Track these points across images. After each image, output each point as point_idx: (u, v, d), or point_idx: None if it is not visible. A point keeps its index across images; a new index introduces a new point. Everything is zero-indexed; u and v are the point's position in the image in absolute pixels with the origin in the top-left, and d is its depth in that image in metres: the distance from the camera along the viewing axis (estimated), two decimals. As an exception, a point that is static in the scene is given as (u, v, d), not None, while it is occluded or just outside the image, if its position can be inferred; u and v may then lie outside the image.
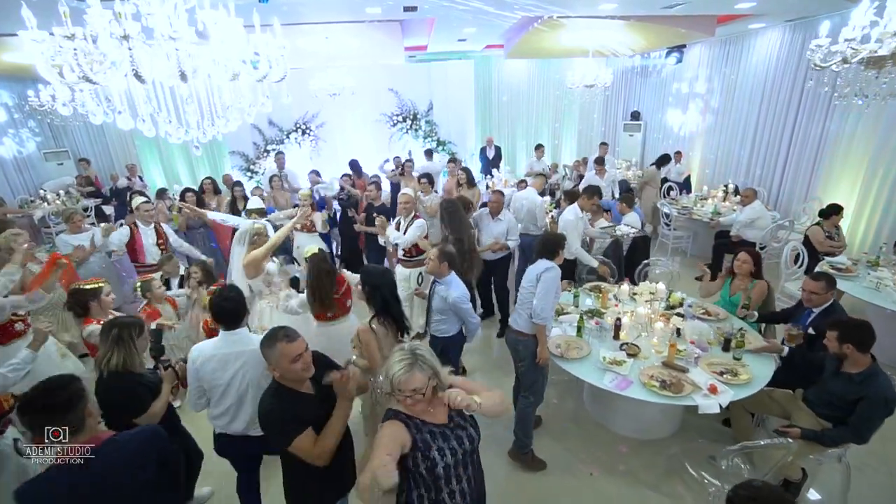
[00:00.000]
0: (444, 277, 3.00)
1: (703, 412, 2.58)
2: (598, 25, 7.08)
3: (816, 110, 6.51)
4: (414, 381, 1.58)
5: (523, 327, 2.96)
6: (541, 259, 2.98)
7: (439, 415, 1.69)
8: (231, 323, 2.19)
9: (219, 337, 2.22)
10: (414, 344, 1.72)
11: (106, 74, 2.19)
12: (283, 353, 1.77)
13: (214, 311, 2.22)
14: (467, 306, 3.00)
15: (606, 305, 3.70)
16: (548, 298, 2.83)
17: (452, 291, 2.94)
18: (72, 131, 9.23)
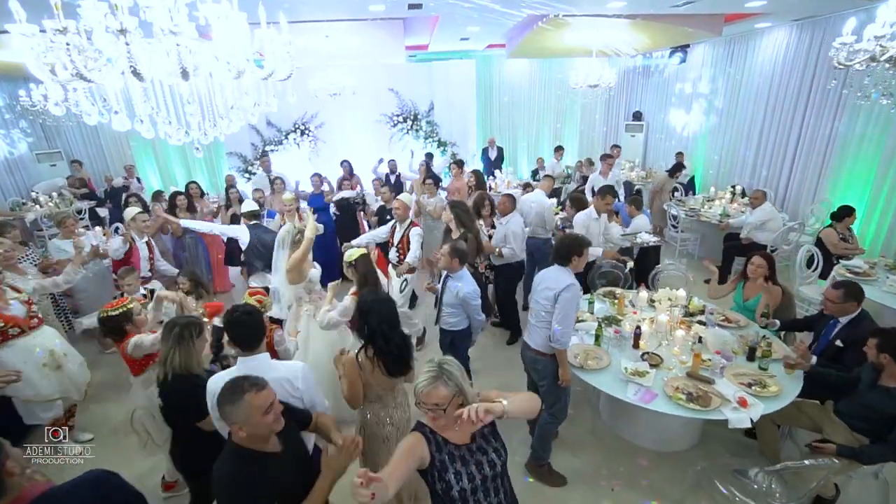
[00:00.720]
0: (456, 273, 3.06)
1: (733, 427, 2.46)
2: (603, 25, 6.97)
3: (824, 110, 6.43)
4: (436, 396, 1.55)
5: (541, 346, 2.78)
6: (555, 265, 2.79)
7: (463, 434, 1.64)
8: (247, 345, 1.99)
9: (236, 366, 2.02)
10: (445, 358, 1.66)
11: (101, 72, 2.04)
12: (254, 406, 1.50)
13: (229, 332, 2.02)
14: (476, 303, 3.06)
15: (623, 312, 3.58)
16: (568, 322, 2.64)
17: (464, 287, 3.02)
18: (65, 132, 9.02)
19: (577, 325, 3.40)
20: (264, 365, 1.97)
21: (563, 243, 2.82)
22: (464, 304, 3.05)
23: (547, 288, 2.72)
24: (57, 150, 9.11)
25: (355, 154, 9.29)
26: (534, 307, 2.85)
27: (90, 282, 4.31)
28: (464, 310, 3.10)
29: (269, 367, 1.97)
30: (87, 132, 9.28)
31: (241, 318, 2.00)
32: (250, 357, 1.98)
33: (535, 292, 2.87)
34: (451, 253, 3.00)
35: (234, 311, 2.06)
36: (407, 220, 4.12)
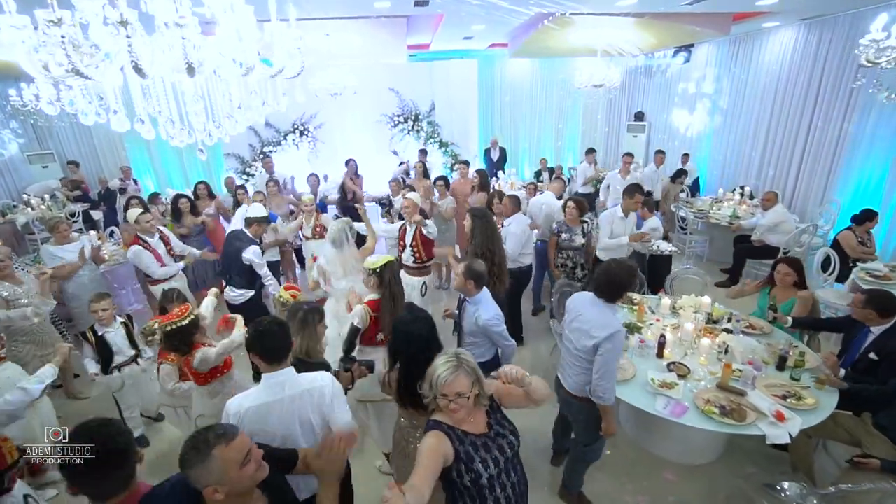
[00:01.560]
0: (473, 296, 2.68)
1: (771, 443, 2.34)
2: (608, 24, 6.87)
3: (834, 110, 6.35)
4: (459, 384, 1.59)
5: (575, 390, 2.46)
6: (597, 300, 2.33)
7: (479, 424, 1.70)
8: (275, 359, 1.82)
9: (259, 385, 1.86)
10: (458, 350, 1.71)
11: (98, 69, 1.89)
12: (228, 460, 1.29)
13: (255, 344, 1.82)
14: (500, 328, 2.65)
15: (643, 319, 3.45)
16: (611, 374, 2.28)
17: (483, 313, 2.62)
18: (57, 132, 8.79)
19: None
20: (290, 381, 1.83)
21: (612, 275, 2.31)
22: (486, 333, 2.65)
23: (585, 333, 2.31)
24: (49, 151, 8.88)
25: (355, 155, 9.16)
26: (566, 344, 2.50)
27: (85, 289, 4.12)
28: (487, 338, 2.71)
29: (294, 383, 1.83)
30: (80, 133, 9.05)
31: (271, 329, 1.83)
32: (276, 373, 1.81)
33: (567, 324, 2.48)
34: (466, 274, 2.61)
35: (260, 322, 1.87)
36: (416, 218, 3.99)
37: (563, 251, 4.18)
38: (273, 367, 1.81)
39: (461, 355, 1.65)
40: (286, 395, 1.80)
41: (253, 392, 1.85)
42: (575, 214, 4.06)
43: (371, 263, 2.80)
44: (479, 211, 3.65)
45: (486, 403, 1.71)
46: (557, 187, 4.77)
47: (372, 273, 2.78)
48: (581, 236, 4.10)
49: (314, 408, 1.84)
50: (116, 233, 5.99)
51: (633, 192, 4.10)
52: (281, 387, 1.80)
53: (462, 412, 1.62)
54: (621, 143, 11.12)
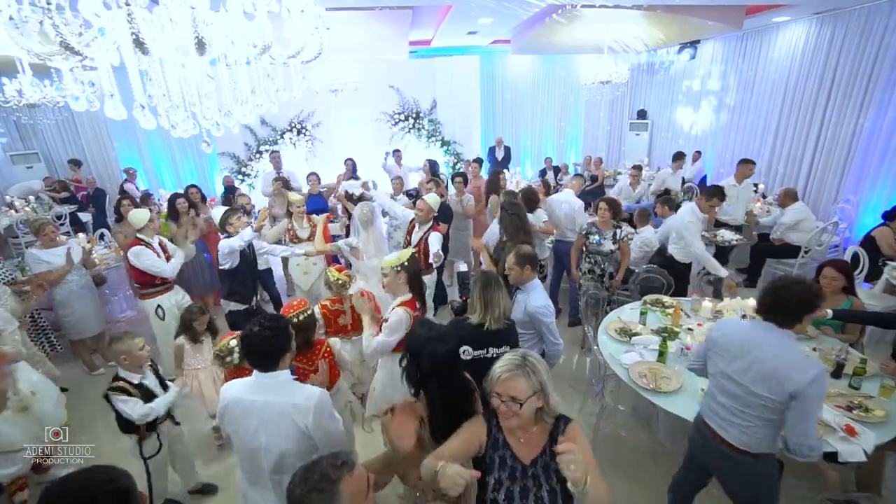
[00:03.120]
0: (526, 284, 2.56)
1: (844, 461, 2.13)
2: (615, 18, 6.71)
3: (848, 106, 6.23)
4: (513, 387, 1.41)
5: (745, 444, 1.91)
6: (776, 330, 1.86)
7: (527, 448, 1.48)
8: (262, 366, 1.74)
9: (250, 379, 1.79)
10: (528, 350, 1.52)
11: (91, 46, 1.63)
12: (356, 493, 1.14)
13: (245, 347, 1.74)
14: (550, 320, 2.52)
15: (679, 323, 3.24)
16: (814, 424, 1.77)
17: (533, 299, 2.50)
18: (42, 131, 8.41)
19: (633, 339, 3.07)
20: (281, 386, 1.73)
21: (793, 294, 1.83)
22: (534, 321, 2.54)
23: (772, 376, 1.78)
24: (34, 151, 8.50)
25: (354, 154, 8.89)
26: (725, 384, 1.95)
27: (75, 295, 3.83)
28: (536, 332, 2.60)
29: (284, 390, 1.72)
30: (66, 132, 8.68)
31: (259, 335, 1.68)
32: (267, 374, 1.73)
33: (729, 363, 1.93)
34: (518, 261, 2.51)
35: (254, 325, 1.73)
36: (428, 223, 3.78)
37: (590, 255, 3.93)
38: (263, 369, 1.73)
39: (528, 356, 1.47)
40: (271, 401, 1.69)
41: (243, 382, 1.80)
42: (607, 217, 3.80)
43: (393, 260, 2.52)
44: (511, 206, 3.47)
45: (548, 421, 1.48)
46: (577, 185, 4.56)
47: (399, 269, 2.49)
48: (611, 242, 3.82)
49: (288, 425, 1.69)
50: (107, 235, 5.66)
51: (713, 194, 3.84)
52: (269, 390, 1.71)
53: (514, 421, 1.43)
54: (624, 141, 11.00)
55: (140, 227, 3.63)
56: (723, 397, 1.98)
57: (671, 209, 4.95)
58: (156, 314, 3.72)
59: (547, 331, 2.54)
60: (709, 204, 3.86)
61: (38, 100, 6.77)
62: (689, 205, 3.92)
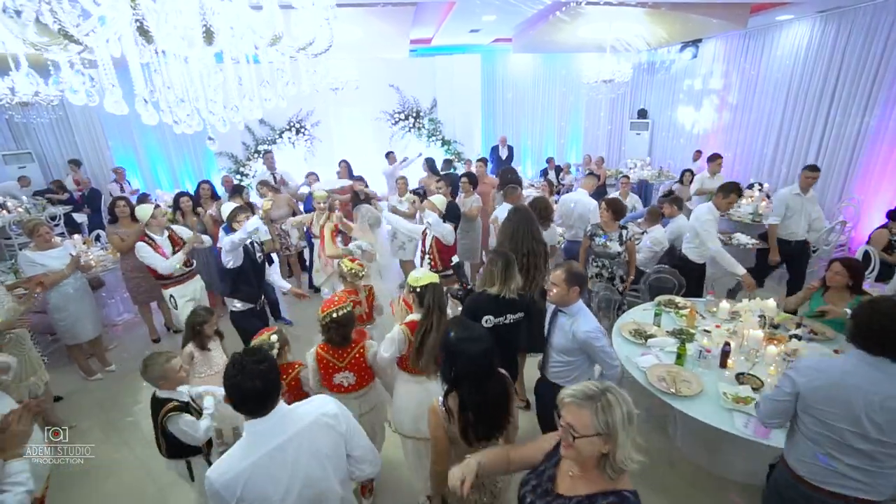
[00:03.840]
0: (570, 306, 2.32)
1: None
2: (618, 17, 6.64)
3: (853, 105, 6.20)
4: (574, 416, 1.24)
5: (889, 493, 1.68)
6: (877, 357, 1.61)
7: (570, 483, 1.33)
8: (257, 412, 1.44)
9: (242, 440, 1.45)
10: (612, 385, 1.28)
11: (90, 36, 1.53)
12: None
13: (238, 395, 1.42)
14: (602, 343, 2.27)
15: (694, 325, 3.17)
16: None
17: (582, 324, 2.27)
18: (35, 130, 8.24)
19: (649, 341, 3.00)
20: (286, 414, 1.48)
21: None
22: (586, 348, 2.29)
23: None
24: (27, 151, 8.32)
25: (353, 154, 8.79)
26: (866, 447, 1.62)
27: (71, 299, 3.70)
28: (586, 357, 2.36)
29: (291, 420, 1.48)
30: (60, 131, 8.51)
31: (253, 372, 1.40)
32: (261, 419, 1.43)
33: (854, 418, 1.61)
34: (568, 279, 2.24)
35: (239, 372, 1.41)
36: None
37: (597, 258, 3.84)
38: (256, 415, 1.45)
39: (610, 391, 1.24)
40: (289, 436, 1.45)
41: (239, 447, 1.44)
42: (608, 217, 3.72)
43: (413, 280, 2.39)
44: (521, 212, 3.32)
45: (611, 477, 1.27)
46: (590, 184, 4.47)
47: (412, 291, 2.37)
48: (618, 244, 3.72)
49: (329, 438, 1.52)
50: (103, 237, 5.53)
51: (730, 191, 3.73)
52: (278, 429, 1.44)
53: (570, 453, 1.27)
54: (624, 141, 10.95)
55: (144, 221, 3.77)
56: (853, 458, 1.65)
57: (679, 209, 4.90)
58: (169, 302, 3.99)
59: (602, 356, 2.31)
60: (726, 201, 3.75)
61: (31, 98, 6.64)
62: (706, 204, 3.84)
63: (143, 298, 4.48)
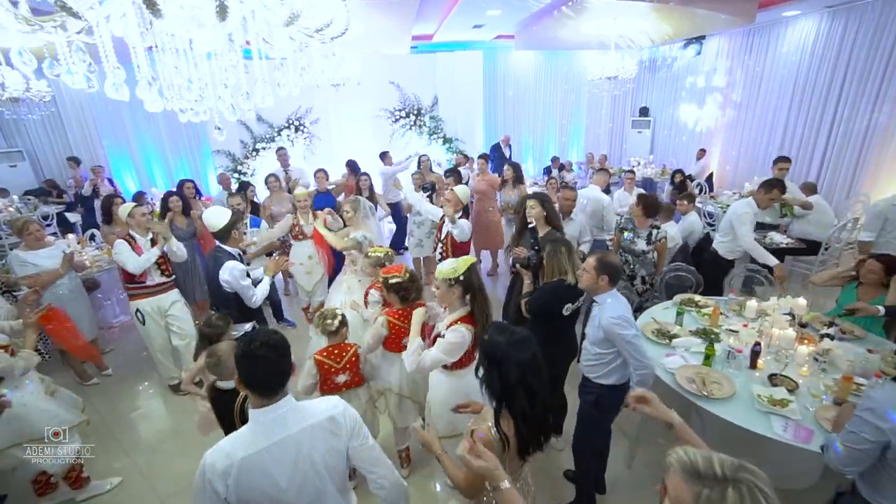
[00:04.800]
0: (601, 294, 2.24)
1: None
2: (625, 12, 6.55)
3: (861, 101, 6.16)
4: (675, 488, 0.96)
5: None
6: None
7: None
8: (267, 391, 1.37)
9: (247, 427, 1.38)
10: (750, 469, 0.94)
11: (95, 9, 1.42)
12: None
13: (241, 370, 1.36)
14: (629, 333, 2.12)
15: (718, 324, 3.06)
16: None
17: (608, 309, 2.18)
18: (27, 127, 8.02)
19: (673, 341, 2.89)
20: (293, 410, 1.39)
21: None
22: (612, 337, 2.17)
23: None
24: (17, 148, 8.10)
25: (354, 152, 8.64)
26: None
27: (65, 300, 3.53)
28: (617, 350, 2.22)
29: (301, 412, 1.41)
30: (52, 129, 8.29)
31: (260, 353, 1.33)
32: (270, 408, 1.36)
33: None
34: (599, 266, 2.18)
35: (251, 341, 1.35)
36: (458, 214, 3.58)
37: (623, 253, 3.70)
38: (265, 402, 1.36)
39: (739, 485, 0.91)
40: (291, 434, 1.36)
41: (241, 435, 1.37)
42: (639, 213, 3.57)
43: (448, 271, 2.14)
44: (541, 195, 3.26)
45: None
46: (602, 180, 4.37)
47: (454, 283, 2.12)
48: (645, 242, 3.57)
49: (327, 445, 1.42)
50: (98, 236, 5.35)
51: (772, 187, 3.58)
52: (282, 423, 1.36)
53: None
54: (625, 139, 10.89)
55: (126, 219, 3.46)
56: None
57: (693, 204, 4.81)
58: (135, 317, 3.48)
59: (629, 349, 2.12)
60: (768, 197, 3.61)
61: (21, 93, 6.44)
62: (745, 199, 3.76)
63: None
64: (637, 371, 2.20)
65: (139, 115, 8.57)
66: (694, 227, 4.67)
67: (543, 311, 2.65)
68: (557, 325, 2.66)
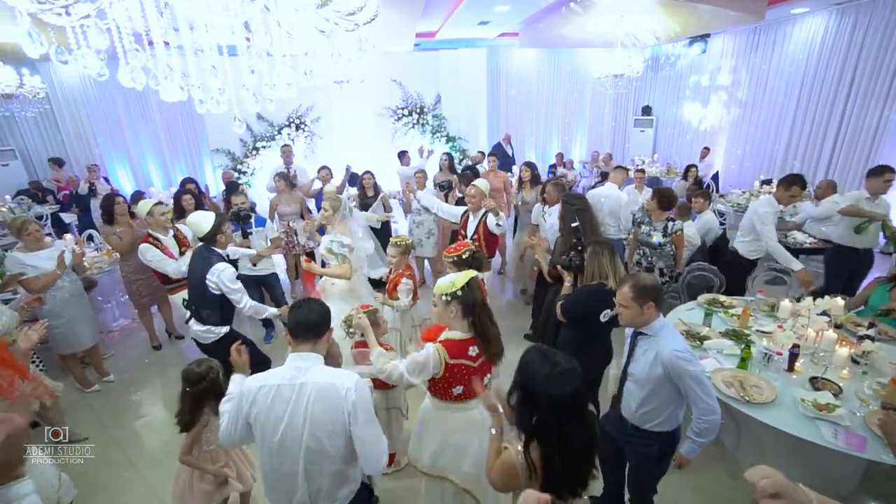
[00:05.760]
0: (649, 324, 1.88)
1: None
2: (633, 8, 6.47)
3: (871, 98, 6.11)
4: None
5: None
6: None
7: None
8: (297, 334, 1.61)
9: (282, 366, 1.60)
10: None
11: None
12: None
13: (294, 315, 1.63)
14: (696, 367, 1.78)
15: (747, 325, 2.97)
16: None
17: (668, 342, 1.81)
18: (19, 126, 7.81)
19: (704, 343, 2.79)
20: (313, 367, 1.57)
21: None
22: (673, 375, 1.79)
23: None
24: (10, 147, 7.89)
25: (355, 150, 8.50)
26: None
27: (67, 305, 3.37)
28: (672, 392, 1.85)
29: (318, 372, 1.57)
30: (45, 127, 8.08)
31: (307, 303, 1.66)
32: (301, 354, 1.59)
33: None
34: (637, 295, 1.82)
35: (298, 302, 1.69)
36: (482, 210, 3.48)
37: (640, 246, 3.65)
38: (299, 345, 1.60)
39: None
40: (299, 382, 1.53)
41: (273, 370, 1.63)
42: (654, 206, 3.52)
43: (445, 286, 1.89)
44: (575, 196, 3.14)
45: None
46: (619, 178, 4.27)
47: (450, 300, 1.87)
48: (661, 235, 3.53)
49: (330, 410, 1.51)
50: (96, 237, 5.17)
51: (791, 183, 3.48)
52: (298, 370, 1.55)
53: None
54: (628, 138, 10.83)
55: (146, 218, 3.45)
56: None
57: (708, 202, 4.73)
58: (182, 305, 3.40)
59: (697, 389, 1.75)
60: (788, 194, 3.50)
61: (14, 89, 6.24)
62: (766, 196, 3.66)
63: (146, 302, 4.15)
64: (702, 417, 1.81)
65: (135, 112, 8.39)
66: (710, 226, 4.59)
67: (580, 316, 2.53)
68: (594, 330, 2.52)
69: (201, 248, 2.79)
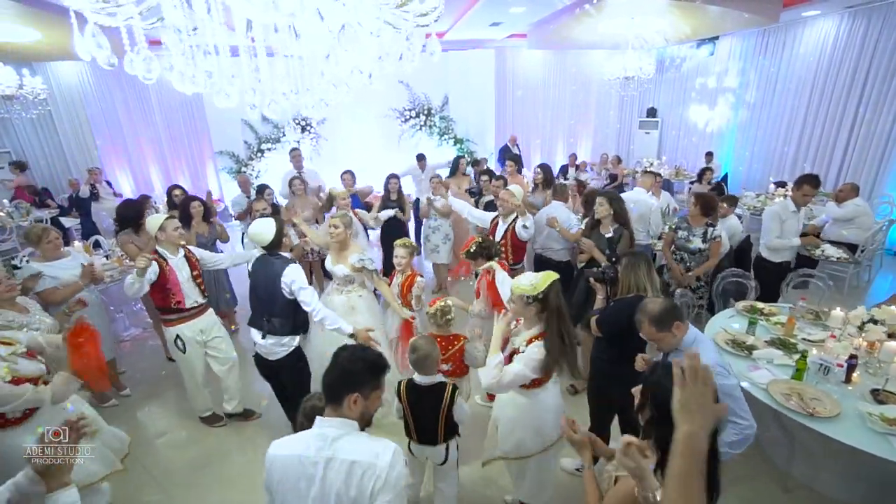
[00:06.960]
0: (678, 345, 1.85)
1: None
2: (646, 10, 6.44)
3: (884, 102, 6.13)
4: None
5: None
6: None
7: None
8: (327, 395, 1.38)
9: (310, 430, 1.38)
10: None
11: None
12: None
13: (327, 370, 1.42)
14: (731, 381, 1.77)
15: (793, 333, 2.91)
16: None
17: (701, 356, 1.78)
18: (15, 128, 7.57)
19: (753, 353, 2.73)
20: (344, 437, 1.32)
21: None
22: None
23: None
24: (6, 150, 7.65)
25: (361, 153, 8.38)
26: None
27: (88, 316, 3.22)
28: None
29: (348, 444, 1.32)
30: (43, 129, 7.84)
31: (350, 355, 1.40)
32: (322, 420, 1.35)
33: None
34: (658, 322, 1.81)
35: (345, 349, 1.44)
36: (512, 215, 3.42)
37: (678, 251, 3.61)
38: (330, 411, 1.36)
39: None
40: (324, 457, 1.30)
41: (296, 436, 1.43)
42: (696, 212, 3.48)
43: (526, 288, 1.93)
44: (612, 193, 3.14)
45: None
46: (648, 182, 4.21)
47: (531, 301, 1.94)
48: (701, 240, 3.48)
49: (354, 491, 1.29)
50: (103, 244, 5.00)
51: (803, 182, 3.50)
52: (324, 440, 1.32)
53: None
54: (633, 140, 10.82)
55: (158, 233, 2.91)
56: None
57: (731, 206, 4.69)
58: (175, 345, 3.02)
59: (732, 404, 1.72)
60: (800, 193, 3.55)
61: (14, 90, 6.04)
62: (781, 200, 3.68)
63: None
64: (734, 430, 1.76)
65: (136, 113, 8.19)
66: (734, 230, 4.54)
67: (616, 331, 2.43)
68: (630, 345, 2.35)
69: (264, 257, 2.72)
